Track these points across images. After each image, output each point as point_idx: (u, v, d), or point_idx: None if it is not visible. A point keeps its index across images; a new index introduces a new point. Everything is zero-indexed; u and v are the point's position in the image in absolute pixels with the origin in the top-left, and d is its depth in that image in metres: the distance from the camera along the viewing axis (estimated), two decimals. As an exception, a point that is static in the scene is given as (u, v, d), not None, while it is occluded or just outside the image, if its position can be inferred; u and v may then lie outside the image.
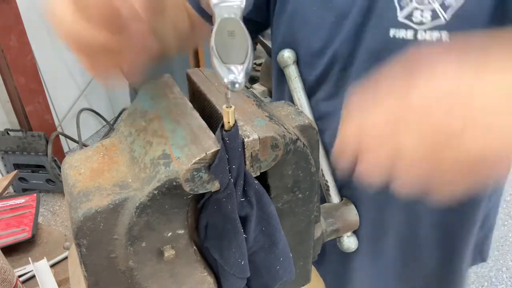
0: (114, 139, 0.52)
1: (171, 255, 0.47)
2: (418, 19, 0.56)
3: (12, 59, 2.26)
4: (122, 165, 0.47)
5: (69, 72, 2.85)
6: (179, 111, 0.49)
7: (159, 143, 0.45)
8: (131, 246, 0.45)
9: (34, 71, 2.40)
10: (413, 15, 0.56)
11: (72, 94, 2.92)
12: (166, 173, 0.42)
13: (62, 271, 1.00)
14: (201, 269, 0.51)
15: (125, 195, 0.44)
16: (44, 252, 1.06)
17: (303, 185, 0.52)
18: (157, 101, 0.52)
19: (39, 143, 2.39)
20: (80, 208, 0.43)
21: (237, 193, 0.45)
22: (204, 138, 0.43)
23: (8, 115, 2.49)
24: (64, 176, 0.48)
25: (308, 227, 0.56)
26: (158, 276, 0.49)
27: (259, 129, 0.44)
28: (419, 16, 0.55)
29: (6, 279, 0.81)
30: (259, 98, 0.54)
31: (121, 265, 0.47)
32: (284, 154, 0.47)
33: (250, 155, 0.44)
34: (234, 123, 0.41)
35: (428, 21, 0.55)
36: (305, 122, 0.51)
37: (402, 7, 0.56)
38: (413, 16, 0.56)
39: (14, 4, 2.20)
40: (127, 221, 0.44)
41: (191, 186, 0.42)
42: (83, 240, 0.43)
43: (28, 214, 1.15)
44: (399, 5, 0.56)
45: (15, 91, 2.34)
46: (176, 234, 0.47)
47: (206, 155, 0.41)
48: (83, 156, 0.49)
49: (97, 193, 0.44)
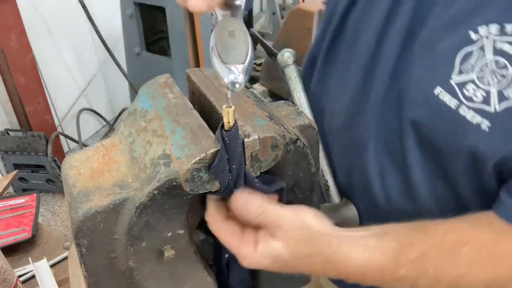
0: (114, 139, 0.52)
1: (171, 255, 0.47)
2: (470, 93, 0.49)
3: (12, 59, 2.26)
4: (122, 165, 0.47)
5: (69, 72, 2.84)
6: (179, 111, 0.49)
7: (159, 143, 0.45)
8: (131, 246, 0.45)
9: (34, 71, 2.40)
10: (466, 87, 0.49)
11: (72, 94, 2.92)
12: (166, 173, 0.42)
13: (62, 271, 1.00)
14: (201, 269, 0.51)
15: (125, 195, 0.44)
16: (44, 252, 1.06)
17: (303, 185, 0.52)
18: (157, 101, 0.52)
19: (39, 143, 2.39)
20: (80, 208, 0.43)
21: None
22: (204, 138, 0.43)
23: (8, 115, 2.49)
24: (64, 176, 0.48)
25: (308, 227, 0.56)
26: (158, 276, 0.49)
27: (259, 129, 0.44)
28: (472, 90, 0.49)
29: (6, 279, 0.81)
30: (259, 98, 0.54)
31: (121, 265, 0.47)
32: (284, 154, 0.47)
33: (250, 155, 0.44)
34: (234, 123, 0.41)
35: (478, 101, 0.48)
36: (305, 122, 0.51)
37: (461, 71, 0.49)
38: (465, 87, 0.49)
39: (14, 4, 2.20)
40: (127, 221, 0.44)
41: (191, 186, 0.42)
42: (83, 240, 0.43)
43: (28, 214, 1.15)
44: (460, 67, 0.49)
45: (15, 91, 2.34)
46: (176, 234, 0.47)
47: (206, 155, 0.41)
48: (83, 156, 0.49)
49: (97, 193, 0.44)
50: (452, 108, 0.50)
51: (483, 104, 0.48)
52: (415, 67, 0.53)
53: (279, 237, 0.45)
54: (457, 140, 0.51)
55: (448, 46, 0.50)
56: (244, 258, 0.46)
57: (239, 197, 0.45)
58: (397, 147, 0.58)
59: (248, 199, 0.45)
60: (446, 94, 0.50)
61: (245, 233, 0.46)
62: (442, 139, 0.52)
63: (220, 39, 0.36)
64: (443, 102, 0.50)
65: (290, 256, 0.45)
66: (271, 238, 0.45)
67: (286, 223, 0.45)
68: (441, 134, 0.52)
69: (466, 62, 0.49)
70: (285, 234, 0.45)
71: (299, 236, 0.45)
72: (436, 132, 0.53)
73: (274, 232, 0.45)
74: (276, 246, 0.45)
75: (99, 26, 2.46)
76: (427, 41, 0.53)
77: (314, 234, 0.46)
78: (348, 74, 0.63)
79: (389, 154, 0.59)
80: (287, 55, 0.71)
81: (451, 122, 0.50)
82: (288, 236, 0.45)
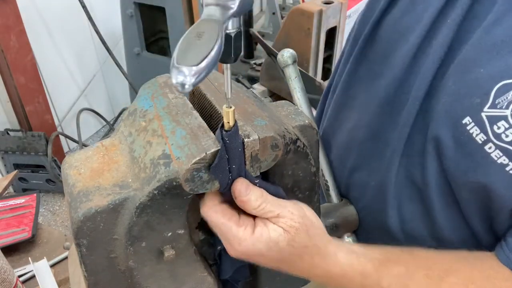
0: (114, 139, 0.52)
1: (171, 255, 0.47)
2: (500, 130, 0.45)
3: (12, 59, 2.25)
4: (122, 165, 0.47)
5: (69, 72, 2.84)
6: (179, 111, 0.49)
7: (159, 143, 0.45)
8: (131, 246, 0.45)
9: (34, 71, 2.40)
10: (498, 123, 0.45)
11: (72, 94, 2.92)
12: (166, 173, 0.42)
13: (62, 271, 1.00)
14: (201, 269, 0.51)
15: (125, 195, 0.44)
16: (44, 252, 1.06)
17: (303, 185, 0.52)
18: (157, 101, 0.52)
19: (39, 143, 2.39)
20: (80, 208, 0.43)
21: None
22: (204, 138, 0.43)
23: (8, 115, 2.48)
24: (64, 176, 0.48)
25: (308, 227, 0.56)
26: (158, 276, 0.49)
27: (259, 129, 0.44)
28: (503, 128, 0.44)
29: (6, 279, 0.81)
30: (259, 98, 0.54)
31: (121, 265, 0.47)
32: (284, 154, 0.47)
33: (250, 155, 0.44)
34: (234, 123, 0.41)
35: (508, 140, 0.44)
36: (305, 122, 0.51)
37: (495, 105, 0.45)
38: (496, 124, 0.45)
39: (14, 4, 2.19)
40: (127, 221, 0.44)
41: (191, 186, 0.42)
42: (83, 240, 0.43)
43: (28, 214, 1.15)
44: (493, 100, 0.45)
45: (15, 91, 2.34)
46: (176, 234, 0.47)
47: (206, 155, 0.41)
48: (83, 156, 0.49)
49: (97, 193, 0.44)
50: (478, 142, 0.46)
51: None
52: (447, 90, 0.50)
53: (280, 223, 0.44)
54: (476, 176, 0.48)
55: (486, 74, 0.46)
56: (240, 242, 0.43)
57: (241, 182, 0.43)
58: (418, 171, 0.55)
59: (249, 186, 0.43)
60: (474, 126, 0.46)
61: (242, 217, 0.45)
62: (462, 171, 0.49)
63: (185, 39, 0.35)
64: (469, 134, 0.47)
65: (287, 244, 0.44)
66: (271, 223, 0.44)
67: (288, 212, 0.44)
68: (462, 166, 0.49)
69: (502, 95, 0.44)
70: (287, 221, 0.44)
71: (299, 225, 0.44)
72: (457, 163, 0.50)
73: (274, 220, 0.44)
74: (276, 230, 0.44)
75: (99, 26, 2.46)
76: (464, 64, 0.49)
77: (312, 226, 0.46)
78: (377, 85, 0.60)
79: (409, 177, 0.57)
80: (287, 55, 0.71)
81: (473, 156, 0.47)
82: (289, 224, 0.44)
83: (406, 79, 0.56)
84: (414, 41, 0.55)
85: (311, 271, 0.49)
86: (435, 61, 0.52)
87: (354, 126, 0.65)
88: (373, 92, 0.61)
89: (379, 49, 0.62)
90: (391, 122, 0.58)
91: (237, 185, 0.43)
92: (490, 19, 0.47)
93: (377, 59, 0.62)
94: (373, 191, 0.63)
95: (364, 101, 0.63)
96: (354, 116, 0.66)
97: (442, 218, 0.56)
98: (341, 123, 0.69)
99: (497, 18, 0.46)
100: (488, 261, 0.49)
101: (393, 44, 0.59)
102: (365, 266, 0.48)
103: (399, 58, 0.57)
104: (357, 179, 0.66)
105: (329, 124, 0.73)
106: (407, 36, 0.56)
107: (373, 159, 0.62)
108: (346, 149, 0.67)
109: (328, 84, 0.77)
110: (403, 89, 0.56)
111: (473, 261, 0.50)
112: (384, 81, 0.59)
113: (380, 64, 0.61)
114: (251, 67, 3.17)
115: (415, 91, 0.54)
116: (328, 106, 0.75)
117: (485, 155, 0.46)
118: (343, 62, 0.70)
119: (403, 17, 0.58)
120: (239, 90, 0.54)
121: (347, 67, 0.67)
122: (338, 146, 0.70)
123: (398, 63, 0.57)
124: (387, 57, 0.59)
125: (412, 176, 0.57)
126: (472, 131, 0.47)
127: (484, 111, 0.46)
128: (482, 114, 0.46)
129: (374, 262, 0.49)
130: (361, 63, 0.65)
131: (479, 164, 0.47)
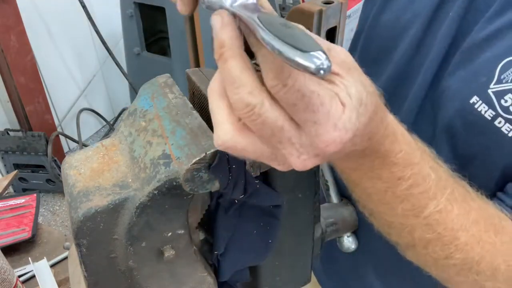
0: (114, 139, 0.52)
1: (171, 255, 0.47)
2: (508, 103, 0.45)
3: (12, 59, 2.26)
4: (122, 165, 0.47)
5: (69, 72, 2.84)
6: (179, 111, 0.49)
7: (159, 143, 0.45)
8: (131, 246, 0.45)
9: (34, 71, 2.40)
10: (505, 97, 0.45)
11: (72, 94, 2.92)
12: (166, 173, 0.42)
13: (62, 271, 1.00)
14: (201, 269, 0.51)
15: (125, 195, 0.44)
16: (44, 252, 1.06)
17: (303, 185, 0.52)
18: (157, 101, 0.52)
19: (39, 143, 2.39)
20: (80, 208, 0.43)
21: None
22: (204, 138, 0.43)
23: (8, 115, 2.49)
24: (64, 176, 0.48)
25: (308, 227, 0.56)
26: (158, 276, 0.49)
27: (259, 129, 0.44)
28: (510, 100, 0.45)
29: (6, 279, 0.81)
30: (259, 98, 0.54)
31: (121, 265, 0.47)
32: (284, 154, 0.47)
33: (250, 155, 0.44)
34: (234, 123, 0.41)
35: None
36: (305, 122, 0.51)
37: (500, 80, 0.45)
38: (503, 98, 0.45)
39: (14, 4, 2.20)
40: (127, 221, 0.44)
41: (191, 186, 0.42)
42: (83, 240, 0.43)
43: (28, 214, 1.15)
44: (499, 76, 0.45)
45: (15, 91, 2.34)
46: (176, 234, 0.47)
47: (206, 155, 0.41)
48: (83, 156, 0.49)
49: (97, 193, 0.44)
50: (487, 118, 0.46)
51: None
52: (454, 76, 0.50)
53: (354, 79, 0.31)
54: (491, 154, 0.48)
55: (490, 55, 0.47)
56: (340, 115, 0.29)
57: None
58: None
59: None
60: (482, 103, 0.47)
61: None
62: (476, 152, 0.49)
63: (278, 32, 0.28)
64: (478, 112, 0.47)
65: (370, 101, 0.32)
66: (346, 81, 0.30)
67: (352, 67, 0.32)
68: (474, 147, 0.49)
69: (507, 71, 0.45)
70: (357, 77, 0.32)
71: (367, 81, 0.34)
72: (470, 144, 0.49)
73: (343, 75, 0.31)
74: (359, 87, 0.31)
75: (99, 26, 2.46)
76: (468, 52, 0.50)
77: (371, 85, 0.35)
78: (380, 81, 0.59)
79: None
80: (287, 55, 0.71)
81: (485, 134, 0.47)
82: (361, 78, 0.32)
83: (408, 73, 0.56)
84: (415, 34, 0.56)
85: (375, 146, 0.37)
86: (439, 52, 0.52)
87: None
88: (378, 84, 0.61)
89: (380, 47, 0.62)
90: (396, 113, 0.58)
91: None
92: (493, 10, 0.48)
93: (378, 57, 0.62)
94: None
95: None
96: None
97: None
98: None
99: (500, 8, 0.48)
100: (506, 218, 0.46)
101: (393, 40, 0.59)
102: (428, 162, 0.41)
103: (400, 51, 0.57)
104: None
105: None
106: (407, 31, 0.57)
107: None
108: None
109: None
110: (404, 82, 0.56)
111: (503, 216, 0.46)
112: (386, 76, 0.59)
113: (383, 61, 0.61)
114: (251, 67, 3.16)
115: (418, 84, 0.54)
116: None
117: (495, 130, 0.46)
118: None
119: (402, 14, 0.59)
120: (239, 90, 0.54)
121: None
122: None
123: (400, 57, 0.57)
124: (389, 54, 0.60)
125: None
126: (480, 108, 0.47)
127: (491, 87, 0.46)
128: (489, 91, 0.46)
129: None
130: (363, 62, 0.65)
131: (490, 140, 0.47)
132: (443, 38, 0.52)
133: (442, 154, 0.52)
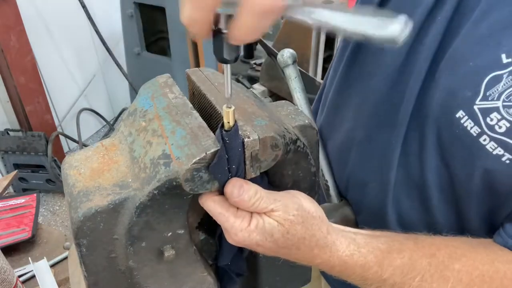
0: (114, 139, 0.52)
1: (171, 255, 0.47)
2: (493, 122, 0.45)
3: (12, 59, 2.26)
4: (122, 165, 0.47)
5: (69, 72, 2.84)
6: (179, 111, 0.49)
7: (159, 143, 0.45)
8: (131, 246, 0.45)
9: (34, 71, 2.40)
10: (491, 115, 0.45)
11: (72, 94, 2.92)
12: (166, 173, 0.42)
13: (62, 271, 1.00)
14: (201, 269, 0.51)
15: (125, 195, 0.44)
16: (44, 252, 1.06)
17: (303, 185, 0.52)
18: (157, 101, 0.52)
19: (39, 143, 2.39)
20: (80, 208, 0.43)
21: None
22: (204, 138, 0.43)
23: (8, 115, 2.49)
24: (64, 176, 0.48)
25: (308, 227, 0.56)
26: (158, 276, 0.49)
27: (259, 129, 0.44)
28: (496, 119, 0.45)
29: (6, 279, 0.81)
30: (259, 98, 0.54)
31: (121, 265, 0.47)
32: (284, 154, 0.47)
33: (250, 155, 0.44)
34: (234, 123, 0.41)
35: (501, 132, 0.45)
36: (305, 122, 0.51)
37: (486, 97, 0.46)
38: (489, 116, 0.45)
39: (14, 4, 2.20)
40: (127, 221, 0.44)
41: (191, 186, 0.42)
42: (83, 240, 0.43)
43: (28, 214, 1.15)
44: (484, 92, 0.46)
45: (15, 91, 2.34)
46: (176, 234, 0.47)
47: (206, 155, 0.41)
48: (83, 156, 0.49)
49: (97, 193, 0.44)
50: (473, 135, 0.47)
51: (505, 136, 0.45)
52: (440, 85, 0.50)
53: (275, 217, 0.44)
54: (474, 165, 0.48)
55: (475, 66, 0.47)
56: (236, 232, 0.44)
57: (235, 182, 0.43)
58: (417, 169, 0.56)
59: (243, 184, 0.43)
60: (468, 119, 0.47)
61: (240, 210, 0.45)
62: (459, 164, 0.50)
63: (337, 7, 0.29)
64: (464, 127, 0.48)
65: (282, 236, 0.44)
66: (267, 216, 0.44)
67: (282, 206, 0.44)
68: (458, 159, 0.50)
69: (493, 87, 0.45)
70: (281, 215, 0.44)
71: (294, 218, 0.45)
72: (454, 156, 0.50)
73: (269, 214, 0.44)
74: (271, 223, 0.44)
75: (99, 26, 2.46)
76: (454, 58, 0.50)
77: (309, 217, 0.46)
78: (371, 85, 0.60)
79: (408, 176, 0.57)
80: (287, 55, 0.71)
81: (470, 149, 0.48)
82: (284, 217, 0.44)
83: (400, 79, 0.56)
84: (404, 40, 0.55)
85: (311, 261, 0.49)
86: (427, 59, 0.52)
87: (351, 126, 0.66)
88: (367, 93, 0.61)
89: (369, 50, 0.62)
90: (387, 122, 0.58)
91: (229, 187, 0.43)
92: (477, 13, 0.48)
93: (368, 60, 0.62)
94: (372, 191, 0.63)
95: (359, 102, 0.64)
96: (350, 117, 0.66)
97: (440, 216, 0.56)
98: (338, 123, 0.69)
99: (484, 12, 0.47)
100: (490, 245, 0.49)
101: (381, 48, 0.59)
102: (366, 258, 0.48)
103: (390, 57, 0.57)
104: (356, 180, 0.66)
105: (326, 124, 0.73)
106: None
107: (372, 159, 0.62)
108: (345, 149, 0.67)
109: (323, 84, 0.77)
110: (397, 88, 0.56)
111: (476, 246, 0.50)
112: (377, 81, 0.59)
113: (372, 65, 0.61)
114: (251, 67, 3.16)
115: (409, 90, 0.54)
116: (324, 105, 0.75)
117: (480, 147, 0.47)
118: (336, 61, 0.71)
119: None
120: (239, 90, 0.54)
121: (340, 68, 0.68)
122: (336, 146, 0.70)
123: (390, 63, 0.57)
124: (378, 58, 0.60)
125: (411, 175, 0.57)
126: (466, 124, 0.47)
127: (476, 103, 0.46)
128: (475, 107, 0.46)
129: (376, 253, 0.48)
130: (353, 64, 0.65)
131: (476, 156, 0.48)
132: (431, 43, 0.52)
133: (432, 161, 0.53)
